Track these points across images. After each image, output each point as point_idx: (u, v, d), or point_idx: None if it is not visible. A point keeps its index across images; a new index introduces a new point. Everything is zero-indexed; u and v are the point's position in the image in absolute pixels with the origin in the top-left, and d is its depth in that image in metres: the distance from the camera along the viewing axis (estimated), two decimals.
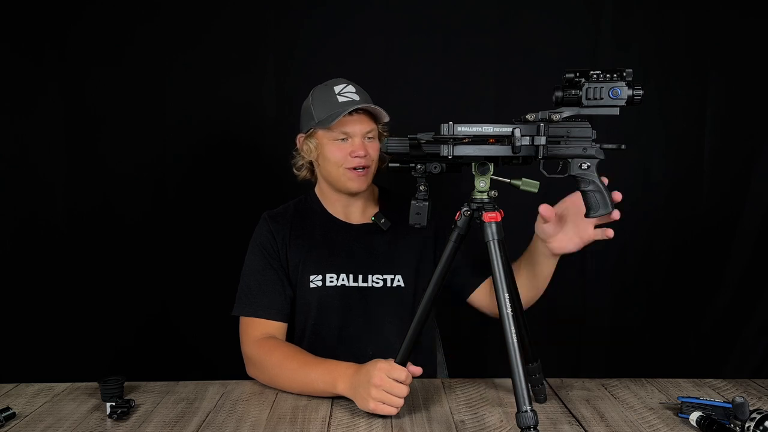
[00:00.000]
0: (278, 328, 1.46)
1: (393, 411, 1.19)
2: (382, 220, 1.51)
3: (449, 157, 1.09)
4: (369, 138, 1.47)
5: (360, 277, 1.49)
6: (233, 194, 2.06)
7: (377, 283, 1.49)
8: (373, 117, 1.48)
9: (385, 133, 1.50)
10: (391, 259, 1.51)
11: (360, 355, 1.45)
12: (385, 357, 1.25)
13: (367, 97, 1.48)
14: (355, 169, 1.45)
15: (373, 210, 1.55)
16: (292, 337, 1.52)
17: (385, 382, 1.18)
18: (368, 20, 2.05)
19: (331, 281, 1.48)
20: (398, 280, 1.50)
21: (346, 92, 1.46)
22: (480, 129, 1.09)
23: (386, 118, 1.48)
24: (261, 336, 1.43)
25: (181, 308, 2.10)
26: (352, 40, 2.04)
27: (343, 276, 1.49)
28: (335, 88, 1.47)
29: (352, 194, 1.50)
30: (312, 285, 1.48)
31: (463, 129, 1.09)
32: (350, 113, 1.43)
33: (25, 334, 2.06)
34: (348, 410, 1.25)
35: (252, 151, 2.08)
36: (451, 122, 1.08)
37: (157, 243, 2.07)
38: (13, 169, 2.04)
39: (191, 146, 2.07)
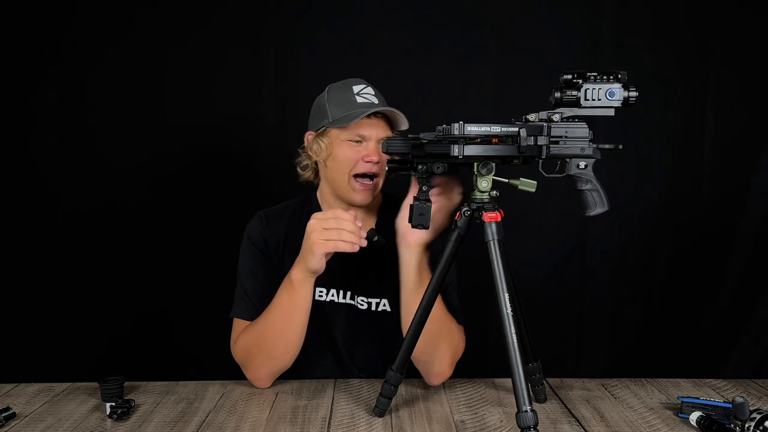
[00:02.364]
0: None
1: (347, 245, 1.19)
2: (375, 238, 1.31)
3: (459, 156, 1.08)
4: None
5: (348, 294, 1.46)
6: (233, 195, 2.06)
7: (361, 305, 1.45)
8: (389, 124, 1.41)
9: None
10: (380, 280, 1.43)
11: (345, 370, 1.46)
12: (371, 375, 1.24)
13: (384, 101, 1.41)
14: (364, 176, 1.37)
15: (372, 222, 1.47)
16: None
17: (318, 224, 1.20)
18: (368, 20, 2.05)
19: (320, 296, 1.44)
20: (384, 305, 1.45)
21: (365, 93, 1.39)
22: (489, 129, 1.09)
23: (404, 126, 1.40)
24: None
25: (180, 308, 2.10)
26: (351, 40, 2.04)
27: (333, 291, 1.45)
28: (354, 87, 1.39)
29: (355, 206, 1.41)
30: None
31: (473, 129, 1.09)
32: (368, 116, 1.35)
33: (25, 334, 2.06)
34: (348, 410, 1.25)
35: (251, 152, 2.08)
36: (461, 122, 1.08)
37: (157, 243, 2.07)
38: (13, 170, 2.04)
39: (190, 147, 2.07)
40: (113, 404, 1.21)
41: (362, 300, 1.45)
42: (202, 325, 2.06)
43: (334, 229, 1.19)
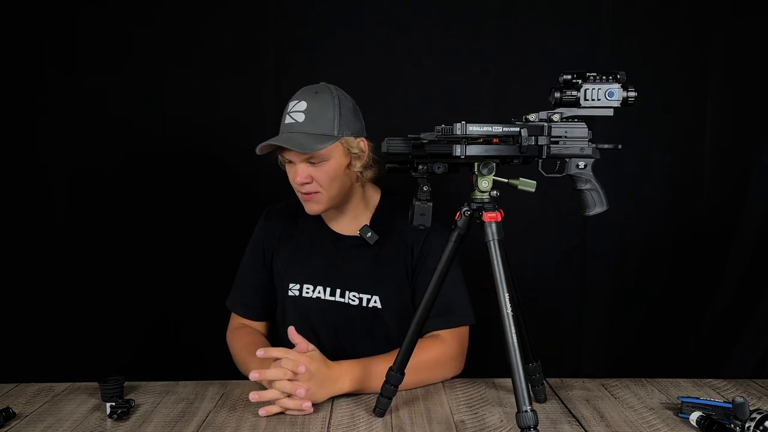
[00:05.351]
0: (251, 325, 1.56)
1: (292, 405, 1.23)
2: (369, 234, 1.43)
3: (462, 156, 1.08)
4: (313, 163, 1.35)
5: (337, 291, 1.45)
6: (233, 195, 2.06)
7: (353, 301, 1.45)
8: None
9: (362, 153, 1.39)
10: (372, 277, 1.45)
11: None
12: None
13: (316, 115, 1.33)
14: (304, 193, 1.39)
15: (365, 220, 1.48)
16: (278, 338, 1.56)
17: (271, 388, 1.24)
18: (368, 21, 2.04)
19: (308, 292, 1.46)
20: (375, 301, 1.44)
21: (293, 112, 1.35)
22: (490, 129, 1.10)
23: (312, 151, 1.32)
24: (237, 326, 1.55)
25: (181, 308, 2.10)
26: (351, 40, 2.03)
27: (320, 288, 1.46)
28: (290, 103, 1.37)
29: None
30: (290, 293, 1.48)
31: (475, 129, 1.09)
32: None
33: (25, 334, 2.06)
34: (348, 411, 1.25)
35: (251, 153, 2.08)
36: (464, 122, 1.08)
37: (157, 243, 2.07)
38: (15, 169, 2.04)
39: (191, 147, 2.07)
40: (113, 404, 1.21)
41: (354, 296, 1.45)
42: (203, 324, 2.06)
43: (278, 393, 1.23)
